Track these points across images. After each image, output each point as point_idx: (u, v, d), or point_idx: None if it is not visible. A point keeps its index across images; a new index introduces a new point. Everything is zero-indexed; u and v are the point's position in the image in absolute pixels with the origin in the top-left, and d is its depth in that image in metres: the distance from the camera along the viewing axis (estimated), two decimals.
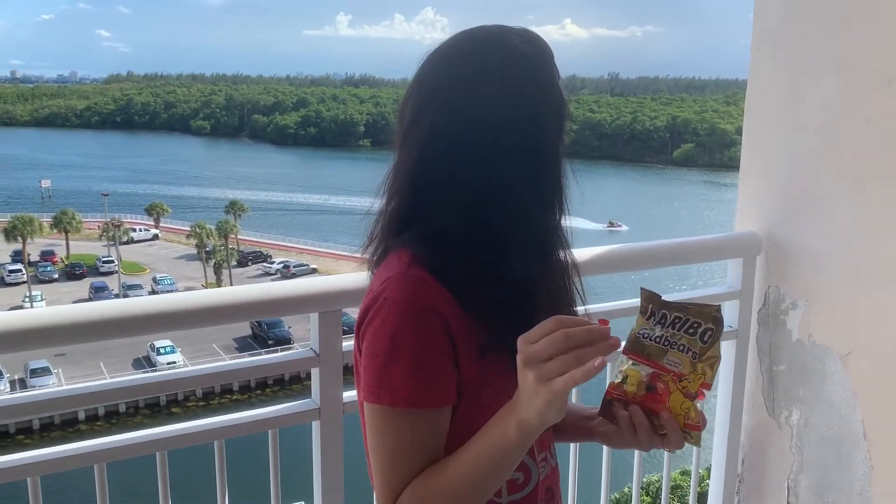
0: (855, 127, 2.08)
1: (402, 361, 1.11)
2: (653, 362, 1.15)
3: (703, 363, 1.14)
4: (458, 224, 1.16)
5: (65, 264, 48.81)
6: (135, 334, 1.46)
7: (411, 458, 1.13)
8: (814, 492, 2.25)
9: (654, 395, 1.15)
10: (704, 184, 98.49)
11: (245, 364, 1.65)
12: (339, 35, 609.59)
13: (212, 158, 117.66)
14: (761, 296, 2.33)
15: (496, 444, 1.07)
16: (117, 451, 1.49)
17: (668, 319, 1.16)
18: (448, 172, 1.17)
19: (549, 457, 1.33)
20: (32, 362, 31.12)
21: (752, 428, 2.43)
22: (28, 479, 1.44)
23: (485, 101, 1.16)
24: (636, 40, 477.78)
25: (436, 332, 1.11)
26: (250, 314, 1.60)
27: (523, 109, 1.17)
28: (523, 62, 1.19)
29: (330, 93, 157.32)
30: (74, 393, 1.48)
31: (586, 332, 0.98)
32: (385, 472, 1.14)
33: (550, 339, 0.98)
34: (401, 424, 1.13)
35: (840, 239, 2.14)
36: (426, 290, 1.12)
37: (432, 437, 1.14)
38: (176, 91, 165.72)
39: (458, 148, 1.17)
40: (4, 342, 1.37)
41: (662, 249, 2.25)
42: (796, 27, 2.22)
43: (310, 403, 1.67)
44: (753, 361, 2.38)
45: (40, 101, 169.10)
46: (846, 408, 2.14)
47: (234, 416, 1.61)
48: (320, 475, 1.70)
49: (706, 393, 1.16)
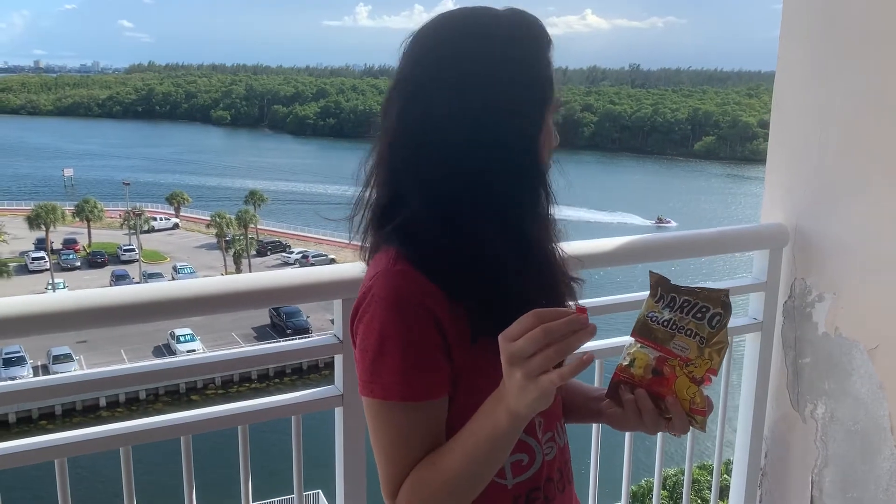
0: (883, 117, 2.05)
1: (391, 356, 1.12)
2: (660, 346, 1.15)
3: (711, 348, 1.13)
4: (432, 216, 1.16)
5: (87, 252, 49.33)
6: (159, 319, 1.47)
7: (407, 450, 1.15)
8: (838, 486, 2.23)
9: (661, 379, 1.15)
10: (728, 177, 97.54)
11: (269, 349, 1.65)
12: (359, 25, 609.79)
13: (232, 148, 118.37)
14: (787, 288, 2.31)
15: (488, 433, 1.07)
16: (143, 434, 1.50)
17: (677, 303, 1.15)
18: (418, 163, 1.16)
19: (557, 437, 1.31)
20: (55, 349, 31.51)
21: (776, 421, 2.40)
22: (56, 461, 1.46)
23: (454, 89, 1.14)
24: (657, 31, 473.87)
25: (423, 325, 1.12)
26: (274, 300, 1.60)
27: (489, 97, 1.14)
28: (499, 47, 1.16)
29: (349, 83, 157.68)
30: (97, 377, 1.49)
31: (565, 325, 0.98)
32: (384, 465, 1.17)
33: (530, 336, 0.98)
34: (394, 417, 1.14)
35: (868, 231, 2.11)
36: (410, 284, 1.12)
37: (428, 429, 1.15)
38: (197, 81, 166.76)
39: (427, 137, 1.15)
40: (29, 325, 1.39)
41: (688, 240, 2.23)
42: (825, 17, 2.18)
43: (333, 390, 1.68)
44: (778, 354, 2.36)
45: (63, 90, 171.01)
46: (873, 402, 2.11)
47: (258, 402, 1.62)
48: (342, 462, 1.70)
49: (712, 378, 1.15)
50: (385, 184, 1.21)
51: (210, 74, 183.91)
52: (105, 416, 28.28)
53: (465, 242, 1.15)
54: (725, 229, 2.31)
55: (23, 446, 1.43)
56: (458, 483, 1.11)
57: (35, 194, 67.26)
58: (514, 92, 1.16)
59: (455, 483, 1.11)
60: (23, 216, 50.17)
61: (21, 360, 30.80)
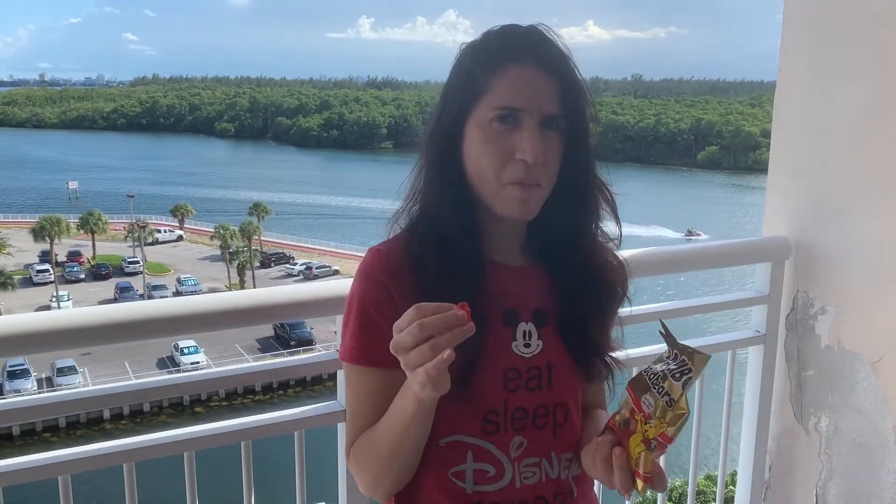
0: (885, 130, 2.05)
1: (351, 321, 1.25)
2: (635, 397, 1.13)
3: (674, 412, 1.08)
4: (408, 205, 1.30)
5: (91, 265, 49.42)
6: (162, 336, 1.48)
7: (361, 413, 1.27)
8: (843, 499, 2.22)
9: (626, 431, 1.13)
10: (732, 187, 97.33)
11: (274, 365, 1.66)
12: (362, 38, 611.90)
13: (236, 160, 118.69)
14: (790, 300, 2.31)
15: (400, 411, 1.16)
16: (147, 450, 1.50)
17: (677, 360, 1.11)
18: (419, 165, 1.31)
19: (548, 466, 1.29)
20: (59, 361, 31.53)
21: (780, 434, 2.40)
22: (59, 478, 1.46)
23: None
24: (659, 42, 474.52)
25: (375, 295, 1.22)
26: (277, 317, 1.60)
27: (443, 98, 1.27)
28: (467, 51, 1.26)
29: (353, 95, 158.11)
30: (101, 393, 1.49)
31: (440, 320, 1.01)
32: (347, 423, 1.31)
33: (409, 330, 1.02)
34: (354, 380, 1.28)
35: (871, 243, 2.11)
36: (375, 259, 1.25)
37: (378, 396, 1.23)
38: (201, 94, 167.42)
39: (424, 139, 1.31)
40: (34, 343, 1.40)
41: (690, 254, 2.23)
42: (826, 28, 2.19)
43: (335, 405, 1.68)
44: (781, 367, 2.35)
45: (68, 103, 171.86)
46: (876, 415, 2.10)
47: (260, 417, 1.62)
48: (346, 477, 1.70)
49: (665, 445, 1.09)
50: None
51: (214, 87, 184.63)
52: (109, 427, 28.25)
53: (413, 235, 1.28)
54: (727, 242, 2.31)
55: (27, 463, 1.43)
56: (381, 453, 1.22)
57: (40, 207, 67.43)
58: (448, 97, 1.26)
59: (379, 453, 1.22)
60: (27, 229, 50.26)
61: (25, 373, 30.86)
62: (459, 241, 1.24)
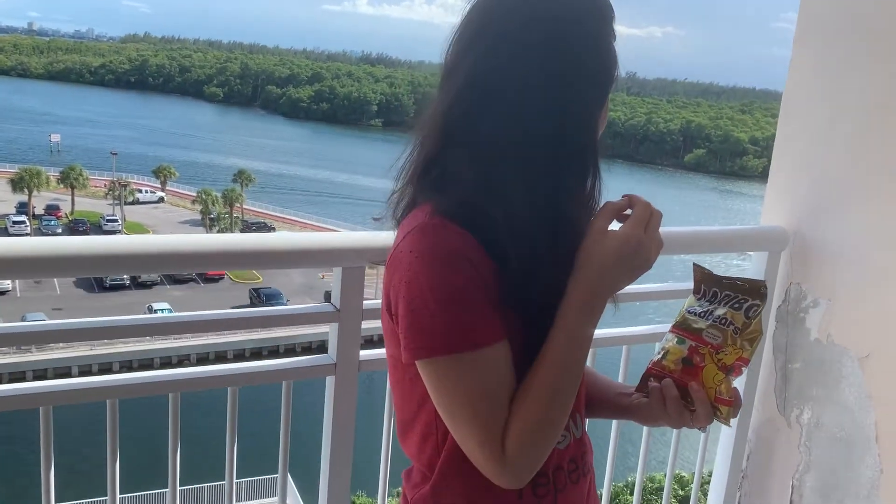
0: (890, 128, 2.05)
1: (444, 309, 1.07)
2: (693, 336, 1.14)
3: (744, 337, 1.13)
4: (472, 172, 1.12)
5: (69, 220, 48.82)
6: (161, 270, 1.44)
7: (491, 399, 1.09)
8: (819, 492, 2.24)
9: (691, 369, 1.14)
10: (717, 191, 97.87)
11: (266, 312, 1.63)
12: (358, 12, 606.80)
13: (223, 126, 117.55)
14: (782, 292, 2.31)
15: (563, 340, 1.10)
16: (132, 388, 1.47)
17: (719, 296, 1.15)
18: (474, 124, 1.12)
19: (573, 426, 1.28)
20: (30, 315, 31.21)
21: (760, 425, 2.41)
22: (41, 409, 1.43)
23: (522, 57, 1.11)
24: (655, 41, 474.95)
25: (468, 274, 1.07)
26: (275, 262, 1.57)
27: (559, 69, 1.12)
28: (573, 16, 1.13)
29: (345, 69, 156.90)
30: (86, 326, 1.45)
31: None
32: (472, 426, 1.09)
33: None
34: (464, 370, 1.08)
35: (868, 239, 2.11)
36: (450, 236, 1.08)
37: (500, 373, 1.10)
38: (192, 56, 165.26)
39: (488, 100, 1.11)
40: None
41: (688, 237, 2.22)
42: (839, 22, 2.18)
43: (326, 358, 1.66)
44: (768, 358, 2.36)
45: (55, 55, 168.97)
46: (860, 410, 2.11)
47: (250, 364, 1.60)
48: (331, 431, 1.68)
49: (744, 369, 1.14)
50: (434, 142, 1.17)
51: (206, 50, 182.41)
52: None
53: (496, 205, 1.10)
54: (726, 228, 2.32)
55: (9, 391, 1.40)
56: (551, 405, 1.10)
57: (20, 158, 66.42)
58: (591, 65, 1.14)
59: (548, 406, 1.09)
60: (6, 179, 49.56)
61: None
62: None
